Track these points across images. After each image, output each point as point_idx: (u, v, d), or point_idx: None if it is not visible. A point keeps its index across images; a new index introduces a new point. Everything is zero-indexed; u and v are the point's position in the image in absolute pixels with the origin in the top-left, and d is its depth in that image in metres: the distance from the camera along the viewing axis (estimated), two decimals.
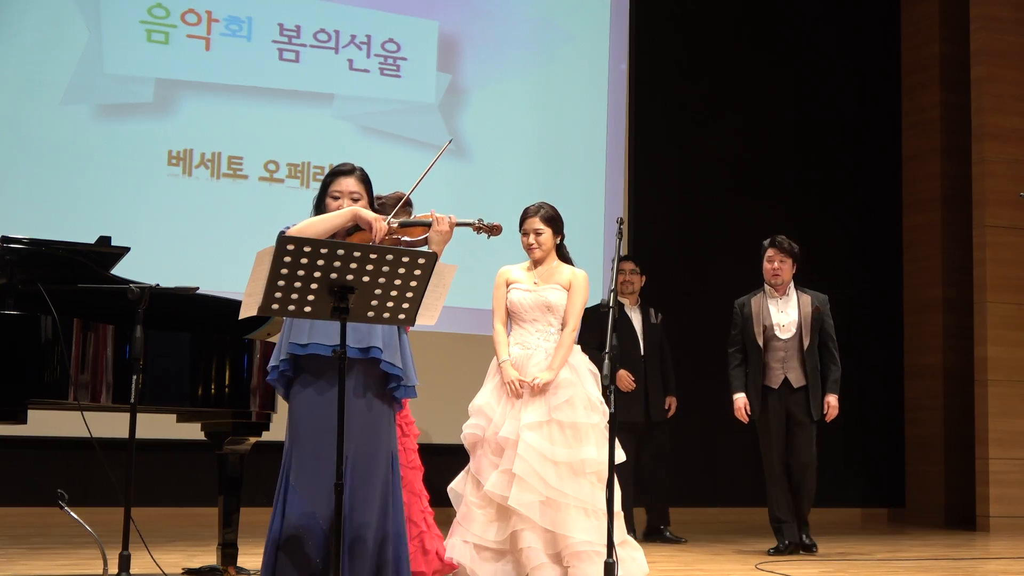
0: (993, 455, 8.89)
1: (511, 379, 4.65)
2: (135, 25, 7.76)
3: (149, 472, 7.08)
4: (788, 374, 6.61)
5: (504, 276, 4.92)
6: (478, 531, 4.55)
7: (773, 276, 6.68)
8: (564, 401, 4.61)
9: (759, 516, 7.29)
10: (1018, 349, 9.04)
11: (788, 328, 6.63)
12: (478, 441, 4.66)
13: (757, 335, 6.67)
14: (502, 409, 4.65)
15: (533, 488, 4.45)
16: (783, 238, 6.70)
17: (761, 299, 6.75)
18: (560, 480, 4.48)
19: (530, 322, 4.79)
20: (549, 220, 4.85)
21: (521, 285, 4.84)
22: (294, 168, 8.10)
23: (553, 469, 4.49)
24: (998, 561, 6.54)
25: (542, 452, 4.50)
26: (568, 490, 4.48)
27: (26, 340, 4.27)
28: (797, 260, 6.71)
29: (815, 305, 6.65)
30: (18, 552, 5.82)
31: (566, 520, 4.45)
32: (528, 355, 4.73)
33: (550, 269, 4.87)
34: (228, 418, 4.77)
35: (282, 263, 3.20)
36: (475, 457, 4.66)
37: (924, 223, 9.89)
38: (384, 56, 8.40)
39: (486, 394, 4.73)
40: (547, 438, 4.55)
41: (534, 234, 4.85)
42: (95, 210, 7.45)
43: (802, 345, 6.60)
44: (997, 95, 9.26)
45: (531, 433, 4.52)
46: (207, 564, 5.02)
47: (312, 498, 3.50)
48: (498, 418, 4.64)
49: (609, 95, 9.04)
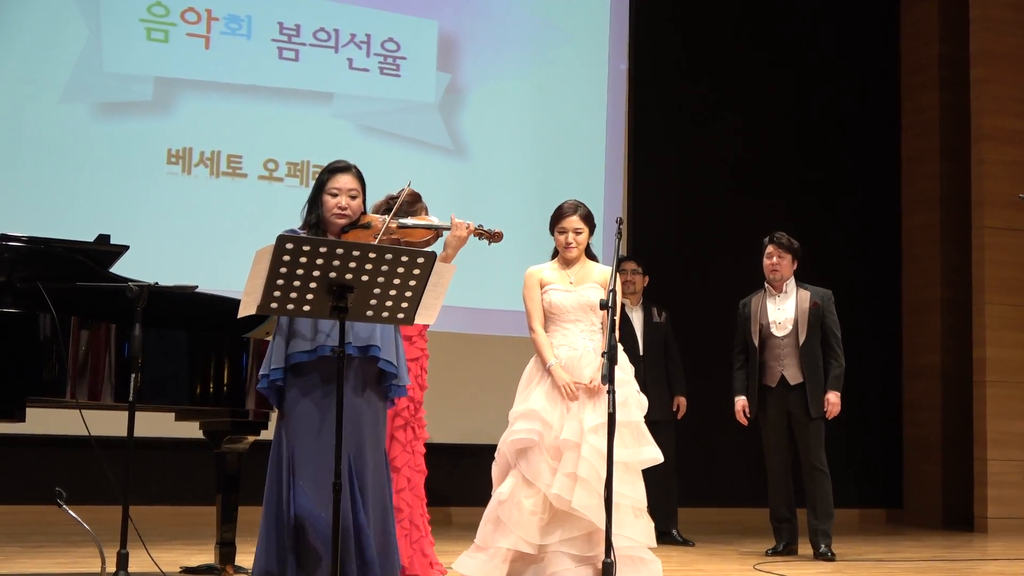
0: (991, 456, 8.89)
1: (565, 382, 4.57)
2: (134, 23, 7.76)
3: (147, 470, 7.10)
4: (784, 372, 6.56)
5: (536, 277, 4.81)
6: (524, 534, 4.44)
7: (771, 272, 6.65)
8: (621, 401, 4.50)
9: (758, 516, 7.29)
10: (1016, 350, 9.04)
11: (784, 325, 6.58)
12: (531, 446, 4.52)
13: (753, 334, 6.65)
14: (559, 413, 4.57)
15: (594, 490, 4.40)
16: (782, 234, 6.67)
17: (760, 297, 6.73)
18: (621, 481, 4.45)
19: (573, 323, 4.71)
20: (587, 219, 4.76)
21: (557, 286, 4.75)
22: (293, 167, 8.10)
23: (616, 469, 4.41)
24: (996, 562, 6.54)
25: (602, 454, 4.41)
26: (624, 490, 4.47)
27: (25, 338, 4.27)
28: (797, 257, 6.67)
29: (814, 301, 6.59)
30: (16, 550, 5.81)
31: (619, 519, 4.41)
32: (578, 356, 4.64)
33: (583, 268, 4.79)
34: (226, 417, 4.77)
35: (281, 262, 3.20)
36: (528, 461, 4.51)
37: (923, 224, 9.90)
38: (384, 55, 8.40)
39: (540, 398, 4.60)
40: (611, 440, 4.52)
41: (573, 233, 4.74)
42: (94, 208, 7.45)
43: (798, 341, 6.54)
44: (996, 96, 9.26)
45: (594, 436, 4.46)
46: (205, 563, 5.03)
47: (317, 496, 3.50)
48: (556, 422, 4.56)
49: (608, 95, 9.04)
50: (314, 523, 3.51)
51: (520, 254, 8.03)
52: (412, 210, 4.51)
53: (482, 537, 4.59)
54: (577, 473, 4.41)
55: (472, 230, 3.93)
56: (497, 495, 4.59)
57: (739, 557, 6.48)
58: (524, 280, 4.86)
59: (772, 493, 6.69)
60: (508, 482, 4.57)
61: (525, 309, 4.84)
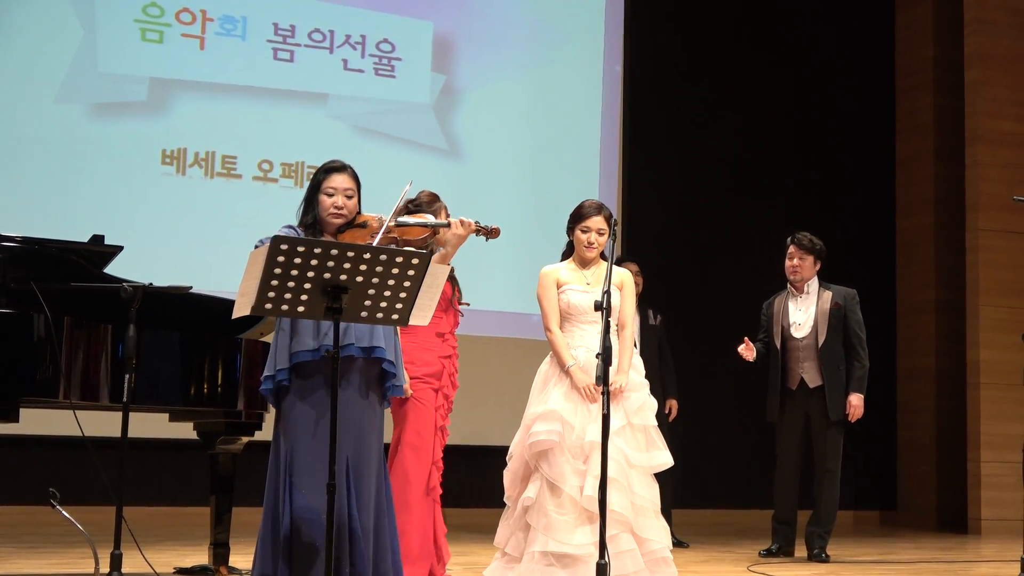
0: (985, 458, 8.90)
1: (585, 383, 4.53)
2: (129, 24, 7.75)
3: (141, 471, 7.08)
4: (804, 374, 6.43)
5: (553, 277, 4.73)
6: (563, 538, 4.41)
7: (792, 273, 6.54)
8: (639, 406, 4.57)
9: (752, 518, 7.30)
10: (1010, 352, 9.03)
11: (803, 327, 6.45)
12: (553, 447, 4.47)
13: (775, 335, 6.54)
14: (580, 414, 4.54)
15: (626, 490, 4.42)
16: (804, 235, 6.55)
17: (783, 299, 6.62)
18: (640, 484, 4.49)
19: (591, 324, 4.64)
20: (610, 220, 4.65)
21: (575, 286, 4.68)
22: (288, 168, 8.09)
23: (633, 472, 4.50)
24: (989, 564, 6.55)
25: (627, 456, 4.48)
26: (644, 492, 4.50)
27: (18, 338, 4.26)
28: (821, 257, 6.53)
29: (835, 301, 6.45)
30: (9, 551, 5.80)
31: (644, 523, 4.46)
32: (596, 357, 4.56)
33: (599, 269, 4.73)
34: (220, 418, 4.76)
35: (275, 263, 3.19)
36: (550, 463, 4.47)
37: (917, 226, 9.91)
38: (379, 56, 8.40)
39: (559, 399, 4.56)
40: (628, 443, 4.53)
41: (596, 233, 4.68)
42: (88, 209, 7.44)
43: (817, 343, 6.41)
44: (990, 99, 9.27)
45: (617, 438, 4.45)
46: (199, 563, 5.02)
47: (315, 497, 3.49)
48: (578, 423, 4.51)
49: (604, 96, 9.05)
50: (310, 524, 3.50)
51: (515, 256, 8.08)
52: (432, 209, 4.54)
53: (514, 545, 4.55)
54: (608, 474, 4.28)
55: (473, 228, 3.92)
56: (523, 501, 4.53)
57: (732, 559, 6.48)
58: (539, 280, 4.77)
59: (779, 495, 6.57)
60: (532, 486, 4.52)
61: (541, 309, 4.75)
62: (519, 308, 8.27)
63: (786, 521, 6.57)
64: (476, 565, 5.41)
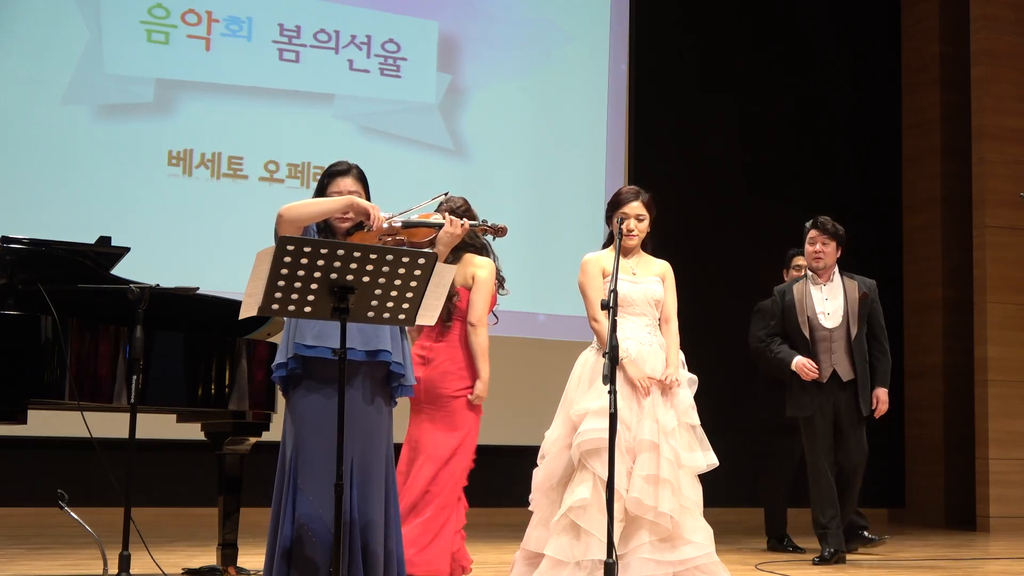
0: (993, 455, 8.88)
1: (640, 376, 4.33)
2: (135, 25, 7.76)
3: (149, 472, 7.09)
4: (836, 367, 6.09)
5: (598, 265, 4.50)
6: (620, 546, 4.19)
7: (815, 260, 6.16)
8: (688, 405, 4.42)
9: (759, 517, 7.27)
10: (1018, 349, 9.04)
11: (834, 317, 6.11)
12: (604, 446, 4.05)
13: (802, 325, 6.14)
14: (634, 411, 4.32)
15: (677, 492, 4.27)
16: (826, 219, 6.20)
17: (804, 286, 6.22)
18: (688, 485, 4.35)
19: (638, 316, 4.45)
20: (650, 205, 4.52)
21: (622, 275, 4.34)
22: (294, 168, 8.10)
23: (682, 473, 4.34)
24: (998, 562, 6.54)
25: (679, 456, 4.32)
26: (690, 494, 4.35)
27: (26, 340, 4.27)
28: (842, 243, 6.19)
29: (862, 291, 6.15)
30: (18, 552, 5.82)
31: (692, 525, 4.34)
32: (646, 350, 4.41)
33: (644, 259, 4.58)
34: (228, 418, 4.77)
35: (282, 263, 3.20)
36: (604, 463, 4.04)
37: (924, 223, 9.89)
38: (384, 56, 8.41)
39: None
40: (679, 443, 4.36)
41: (635, 219, 4.50)
42: (95, 210, 7.45)
43: (849, 335, 6.10)
44: (997, 95, 9.26)
45: (671, 439, 4.31)
46: (207, 564, 5.03)
47: (319, 501, 3.49)
48: (633, 421, 4.31)
49: (609, 95, 9.04)
50: (314, 528, 3.50)
51: (520, 255, 8.07)
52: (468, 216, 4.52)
53: (560, 549, 4.24)
54: (660, 475, 4.23)
55: (466, 228, 3.88)
56: (574, 503, 4.23)
57: (739, 557, 6.47)
58: (582, 267, 4.55)
59: (818, 495, 6.14)
60: (583, 487, 4.24)
61: (584, 298, 4.52)
62: (525, 308, 8.26)
63: (831, 525, 6.09)
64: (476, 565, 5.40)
